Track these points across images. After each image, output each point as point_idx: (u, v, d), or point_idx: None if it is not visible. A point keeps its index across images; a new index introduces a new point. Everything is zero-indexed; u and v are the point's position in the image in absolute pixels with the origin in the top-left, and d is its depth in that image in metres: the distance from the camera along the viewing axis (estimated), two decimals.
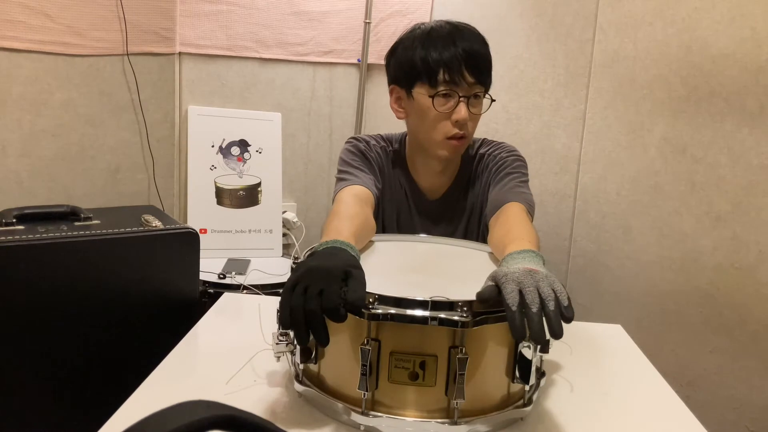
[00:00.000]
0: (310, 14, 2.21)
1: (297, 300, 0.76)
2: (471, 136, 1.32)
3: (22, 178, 1.90)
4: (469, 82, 1.24)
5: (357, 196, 1.23)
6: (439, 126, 1.27)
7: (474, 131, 1.33)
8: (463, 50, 1.23)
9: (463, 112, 1.24)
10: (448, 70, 1.23)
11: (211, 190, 2.13)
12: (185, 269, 1.28)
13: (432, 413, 0.80)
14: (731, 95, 1.97)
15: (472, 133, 1.33)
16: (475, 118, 1.29)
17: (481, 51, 1.26)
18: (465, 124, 1.26)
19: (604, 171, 2.13)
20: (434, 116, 1.26)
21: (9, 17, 1.80)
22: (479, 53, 1.26)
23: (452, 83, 1.24)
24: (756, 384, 2.05)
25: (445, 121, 1.26)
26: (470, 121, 1.28)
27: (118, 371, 1.21)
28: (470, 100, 1.26)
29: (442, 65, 1.24)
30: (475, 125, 1.32)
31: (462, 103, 1.24)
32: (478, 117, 1.30)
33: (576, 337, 1.14)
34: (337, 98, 2.29)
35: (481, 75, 1.26)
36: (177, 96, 2.17)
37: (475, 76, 1.25)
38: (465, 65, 1.23)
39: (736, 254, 2.03)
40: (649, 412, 0.92)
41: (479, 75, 1.25)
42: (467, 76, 1.24)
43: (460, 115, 1.24)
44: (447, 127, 1.27)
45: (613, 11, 2.05)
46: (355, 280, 0.78)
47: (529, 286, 0.76)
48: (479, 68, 1.25)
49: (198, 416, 0.39)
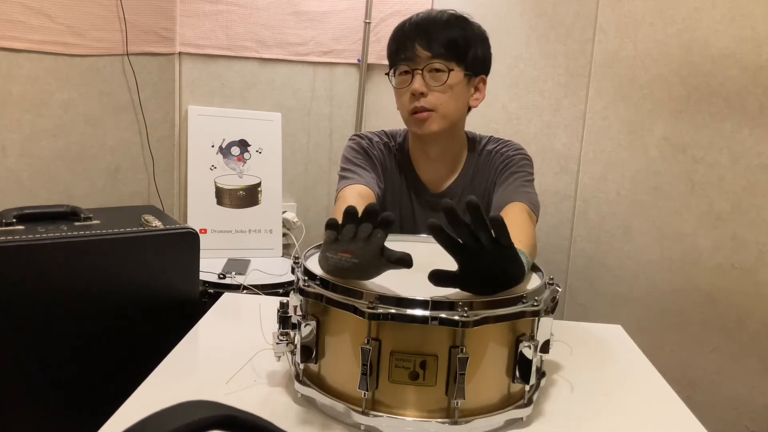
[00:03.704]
0: (310, 14, 2.21)
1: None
2: (442, 111, 1.28)
3: (22, 178, 1.90)
4: (423, 56, 1.26)
5: (359, 195, 1.23)
6: (403, 102, 1.30)
7: (447, 107, 1.28)
8: (421, 28, 1.26)
9: (416, 83, 1.26)
10: (402, 48, 1.27)
11: (211, 190, 2.13)
12: (185, 269, 1.28)
13: (432, 413, 0.80)
14: (731, 95, 1.97)
15: (444, 108, 1.28)
16: (441, 90, 1.27)
17: (442, 28, 1.26)
18: (421, 96, 1.26)
19: (604, 171, 2.13)
20: (398, 93, 1.31)
21: (9, 17, 1.80)
22: (438, 29, 1.26)
23: (407, 60, 1.27)
24: (756, 384, 2.05)
25: (407, 95, 1.28)
26: (435, 94, 1.26)
27: (118, 371, 1.20)
28: (428, 73, 1.26)
29: (396, 43, 1.29)
30: (449, 101, 1.28)
31: (417, 75, 1.26)
32: (446, 90, 1.27)
33: (576, 337, 1.14)
34: (337, 98, 2.29)
35: (439, 48, 1.25)
36: (177, 96, 2.17)
37: (431, 50, 1.25)
38: (418, 39, 1.25)
39: (736, 254, 2.03)
40: (649, 412, 0.92)
41: (437, 48, 1.25)
42: (420, 50, 1.25)
43: (414, 86, 1.26)
44: (408, 102, 1.29)
45: (613, 11, 2.05)
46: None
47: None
48: (436, 41, 1.25)
49: (198, 416, 0.39)
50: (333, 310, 0.82)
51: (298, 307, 0.87)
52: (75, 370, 1.18)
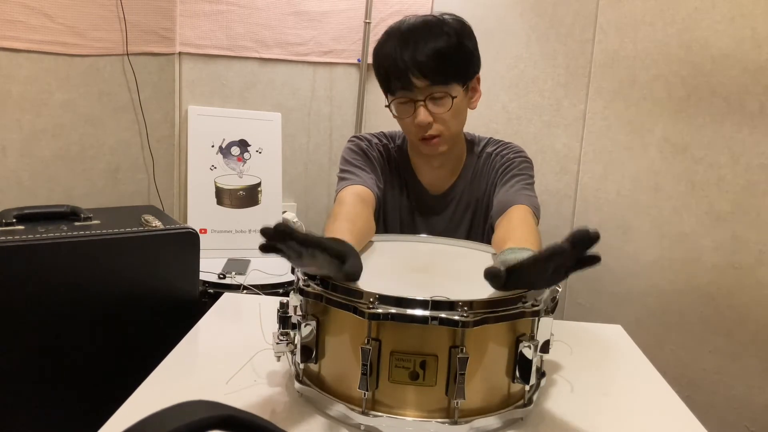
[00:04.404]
0: (310, 14, 2.21)
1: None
2: (450, 132, 1.27)
3: (22, 178, 1.90)
4: (421, 86, 1.21)
5: (358, 196, 1.23)
6: (409, 129, 1.29)
7: (454, 126, 1.27)
8: (410, 55, 1.19)
9: (420, 115, 1.23)
10: (397, 79, 1.22)
11: (211, 190, 2.13)
12: (185, 269, 1.28)
13: (432, 413, 0.80)
14: (731, 95, 1.97)
15: (451, 129, 1.27)
16: (445, 116, 1.24)
17: (433, 50, 1.19)
18: (429, 125, 1.24)
19: (604, 171, 2.13)
20: (401, 121, 1.29)
21: (9, 17, 1.80)
22: (429, 54, 1.19)
23: (405, 89, 1.23)
24: (756, 384, 2.05)
25: (411, 123, 1.26)
26: (439, 119, 1.24)
27: (117, 371, 1.20)
28: (430, 102, 1.23)
29: (392, 75, 1.23)
30: (453, 121, 1.26)
31: (420, 107, 1.23)
32: (450, 113, 1.24)
33: (576, 337, 1.14)
34: (337, 98, 2.29)
35: (436, 75, 1.21)
36: (177, 96, 2.17)
37: (428, 79, 1.21)
38: (414, 71, 1.20)
39: (736, 254, 2.03)
40: (649, 412, 0.92)
41: (433, 76, 1.21)
42: (417, 82, 1.21)
43: (419, 118, 1.23)
44: (415, 130, 1.26)
45: (613, 11, 2.05)
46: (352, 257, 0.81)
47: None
48: (432, 70, 1.20)
49: (198, 416, 0.39)
50: (333, 310, 0.82)
51: (298, 307, 0.87)
52: (75, 370, 1.18)
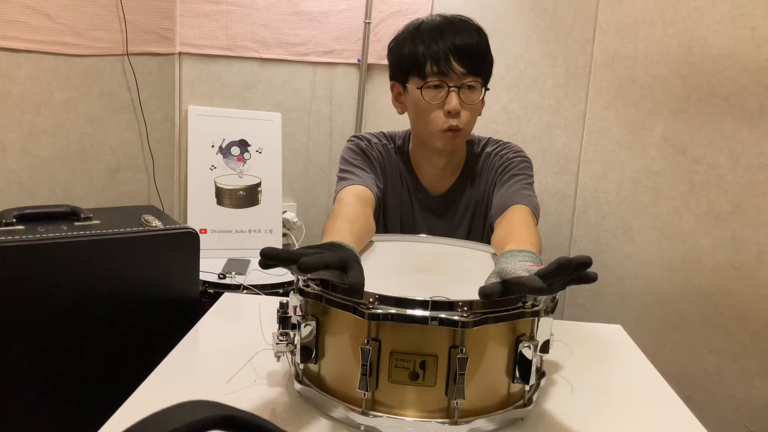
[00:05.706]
0: (310, 14, 2.21)
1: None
2: (468, 129, 1.31)
3: (22, 178, 1.90)
4: (458, 72, 1.24)
5: (358, 196, 1.23)
6: (432, 118, 1.27)
7: (471, 124, 1.31)
8: (451, 41, 1.23)
9: (454, 101, 1.24)
10: (435, 62, 1.24)
11: (211, 190, 2.13)
12: (185, 269, 1.28)
13: (432, 413, 0.80)
14: (731, 95, 1.97)
15: (469, 126, 1.31)
16: (470, 109, 1.28)
17: (470, 41, 1.25)
18: (458, 114, 1.26)
19: (604, 171, 2.13)
20: (426, 108, 1.27)
21: (9, 17, 1.80)
22: (469, 43, 1.24)
23: (441, 74, 1.24)
24: (756, 384, 2.05)
25: (438, 111, 1.26)
26: (465, 112, 1.27)
27: (117, 371, 1.21)
28: (462, 90, 1.25)
29: (429, 57, 1.24)
30: (473, 118, 1.30)
31: (453, 92, 1.24)
32: (474, 108, 1.29)
33: (576, 337, 1.14)
34: (337, 98, 2.29)
35: (472, 65, 1.25)
36: (177, 96, 2.17)
37: (465, 66, 1.24)
38: (453, 55, 1.23)
39: (736, 254, 2.03)
40: (649, 412, 0.92)
41: (470, 65, 1.25)
42: (456, 67, 1.24)
43: (452, 105, 1.24)
44: (440, 119, 1.26)
45: (613, 11, 2.05)
46: (354, 268, 0.79)
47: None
48: (469, 58, 1.24)
49: (198, 416, 0.39)
50: (333, 310, 0.82)
51: (297, 307, 0.87)
52: (75, 370, 1.18)
